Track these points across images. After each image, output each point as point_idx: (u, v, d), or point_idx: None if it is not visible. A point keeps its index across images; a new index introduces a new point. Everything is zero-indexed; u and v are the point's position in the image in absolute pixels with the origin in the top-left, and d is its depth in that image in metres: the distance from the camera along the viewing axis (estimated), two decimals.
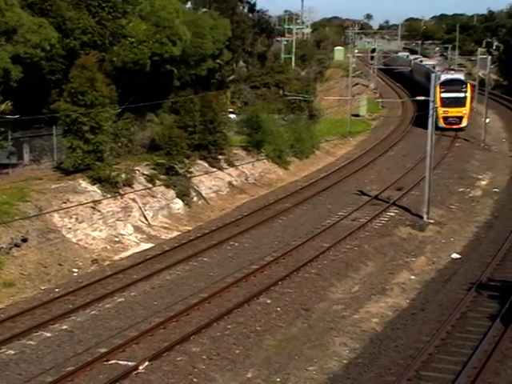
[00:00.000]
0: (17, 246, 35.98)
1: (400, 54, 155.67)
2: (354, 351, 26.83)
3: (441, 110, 78.66)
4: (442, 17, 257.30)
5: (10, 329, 28.69)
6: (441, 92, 78.98)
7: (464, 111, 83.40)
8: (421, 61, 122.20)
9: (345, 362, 25.95)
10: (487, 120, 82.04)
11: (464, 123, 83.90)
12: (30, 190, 41.44)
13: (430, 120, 45.37)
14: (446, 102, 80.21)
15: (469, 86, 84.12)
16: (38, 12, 48.64)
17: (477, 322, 29.12)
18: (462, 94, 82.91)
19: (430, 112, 45.89)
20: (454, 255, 39.01)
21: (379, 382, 24.03)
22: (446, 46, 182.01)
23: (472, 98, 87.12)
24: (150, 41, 53.56)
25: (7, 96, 47.52)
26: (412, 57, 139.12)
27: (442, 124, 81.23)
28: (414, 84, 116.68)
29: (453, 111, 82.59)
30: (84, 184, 44.61)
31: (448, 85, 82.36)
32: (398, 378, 23.98)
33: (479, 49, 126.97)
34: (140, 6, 54.89)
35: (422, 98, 51.34)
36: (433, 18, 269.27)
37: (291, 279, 34.41)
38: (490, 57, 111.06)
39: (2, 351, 26.71)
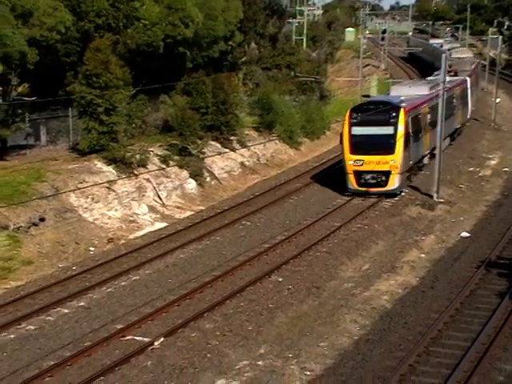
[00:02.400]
0: (35, 225, 36.33)
1: (432, 41, 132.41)
2: (364, 328, 26.81)
3: (350, 160, 45.84)
4: None
5: (30, 305, 29.10)
6: (351, 125, 46.31)
7: (393, 161, 45.27)
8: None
9: (355, 338, 25.95)
10: (497, 100, 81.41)
11: (394, 184, 45.67)
12: (46, 171, 41.72)
13: (440, 102, 45.54)
14: (360, 145, 45.79)
15: (402, 112, 45.81)
16: None
17: (486, 299, 29.09)
18: (389, 129, 45.63)
19: (441, 92, 45.90)
20: (464, 234, 38.97)
21: (389, 358, 24.03)
22: (457, 26, 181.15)
23: (408, 136, 46.52)
24: (163, 23, 53.66)
25: (24, 78, 47.93)
26: (448, 46, 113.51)
27: (352, 184, 46.34)
28: None
29: (371, 162, 45.68)
30: (99, 165, 44.83)
31: (365, 112, 46.04)
32: (407, 353, 24.03)
33: (490, 28, 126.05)
34: None
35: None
36: None
37: (302, 258, 34.55)
38: (501, 36, 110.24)
39: (22, 326, 27.11)
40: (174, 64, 56.55)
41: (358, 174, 45.83)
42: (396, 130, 45.39)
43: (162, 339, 25.52)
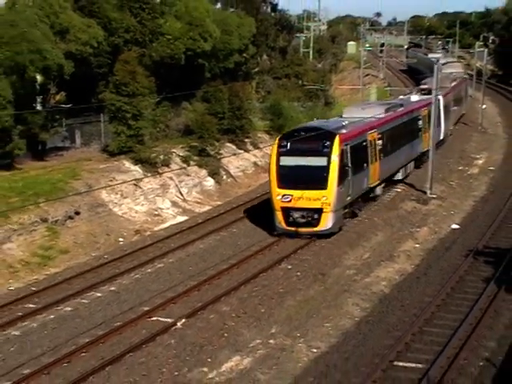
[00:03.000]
0: (71, 218, 36.52)
1: (431, 55, 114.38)
2: (365, 310, 26.91)
3: (278, 194, 36.10)
4: (444, 14, 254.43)
5: (66, 289, 29.33)
6: (279, 154, 36.65)
7: (325, 198, 35.47)
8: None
9: (356, 319, 26.06)
10: (484, 106, 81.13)
11: (327, 224, 35.78)
12: (81, 170, 41.95)
13: (433, 106, 45.65)
14: (289, 178, 36.16)
15: (337, 140, 35.88)
16: (87, 14, 49.01)
17: (473, 284, 29.16)
18: (321, 161, 36.00)
19: (434, 99, 45.97)
20: (454, 226, 38.95)
21: (387, 337, 24.15)
22: (448, 40, 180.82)
23: (346, 168, 36.31)
24: (184, 38, 53.82)
25: (61, 88, 48.14)
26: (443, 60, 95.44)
27: (280, 223, 36.35)
28: None
29: (301, 198, 35.74)
30: (127, 164, 45.02)
31: (296, 140, 36.04)
32: (403, 333, 24.16)
33: (477, 42, 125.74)
34: (175, 7, 55.09)
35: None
36: (435, 15, 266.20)
37: (309, 248, 34.57)
38: (486, 49, 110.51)
39: (60, 308, 27.35)
40: (193, 74, 56.65)
41: (287, 212, 35.19)
42: (329, 161, 34.83)
43: (183, 320, 25.63)
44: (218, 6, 74.11)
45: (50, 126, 45.51)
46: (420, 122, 51.76)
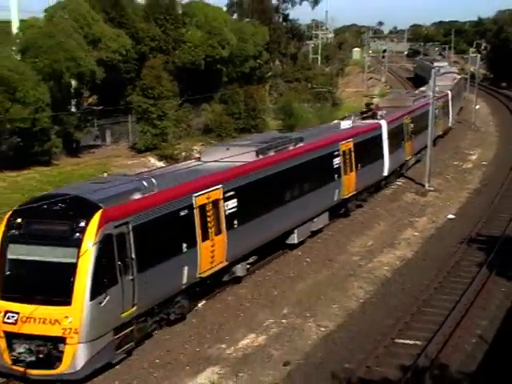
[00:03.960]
0: None
1: (436, 64, 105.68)
2: (369, 293, 26.87)
3: None
4: (440, 23, 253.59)
5: None
6: (6, 240, 19.46)
7: (70, 319, 18.17)
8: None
9: (361, 301, 26.04)
10: (477, 106, 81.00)
11: (74, 364, 18.29)
12: (110, 166, 42.13)
13: (430, 114, 45.29)
14: (17, 282, 19.30)
15: (96, 220, 18.95)
16: (117, 24, 49.26)
17: (467, 268, 29.05)
18: (66, 255, 18.80)
19: (431, 101, 45.67)
20: (450, 216, 38.75)
21: (389, 317, 24.13)
22: (444, 46, 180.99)
23: (109, 269, 19.01)
24: (204, 45, 54.03)
25: (93, 91, 48.48)
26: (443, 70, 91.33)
27: (2, 357, 18.71)
28: None
29: (32, 318, 18.41)
30: (153, 160, 45.20)
31: (34, 218, 19.37)
32: (403, 313, 24.17)
33: (470, 49, 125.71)
34: (196, 18, 55.23)
35: None
36: (433, 24, 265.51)
37: (318, 236, 34.18)
38: (479, 55, 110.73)
39: None
40: (212, 78, 56.83)
41: (10, 339, 18.84)
42: (78, 255, 18.79)
43: (204, 302, 25.55)
44: (235, 16, 74.17)
45: (83, 126, 45.88)
46: (337, 161, 34.42)
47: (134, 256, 19.85)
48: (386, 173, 41.82)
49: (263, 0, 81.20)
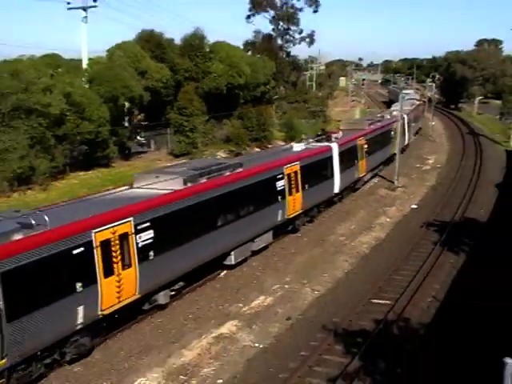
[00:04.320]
0: None
1: (405, 91, 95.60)
2: (352, 265, 26.87)
3: None
4: (405, 59, 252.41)
5: None
6: None
7: None
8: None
9: (346, 271, 26.05)
10: (433, 123, 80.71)
11: None
12: (154, 167, 41.94)
13: (398, 130, 45.00)
14: None
15: None
16: (159, 60, 49.16)
17: (426, 246, 29.00)
18: None
19: (399, 120, 45.42)
20: (413, 206, 38.58)
21: (366, 283, 24.15)
22: (408, 76, 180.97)
23: None
24: (226, 75, 53.74)
25: (141, 110, 48.54)
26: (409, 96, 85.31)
27: None
28: None
29: None
30: None
31: None
32: (377, 280, 24.23)
33: (427, 79, 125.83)
34: (220, 54, 55.03)
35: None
36: (399, 60, 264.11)
37: (314, 221, 33.84)
38: (434, 84, 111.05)
39: None
40: (232, 100, 56.58)
41: None
42: None
43: (225, 271, 25.55)
44: (249, 52, 73.90)
45: (133, 137, 45.96)
46: (280, 184, 28.38)
47: (1, 305, 14.37)
48: (337, 190, 35.88)
49: (271, 41, 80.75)
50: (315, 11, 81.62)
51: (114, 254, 17.84)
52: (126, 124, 46.05)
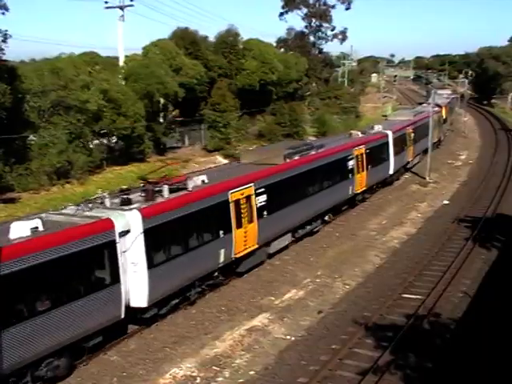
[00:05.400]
0: None
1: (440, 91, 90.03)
2: (382, 259, 26.75)
3: None
4: (437, 56, 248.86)
5: None
6: None
7: None
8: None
9: (376, 266, 25.95)
10: (465, 119, 79.58)
11: None
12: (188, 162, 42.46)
13: (430, 125, 44.60)
14: None
15: None
16: (194, 57, 49.27)
17: (457, 242, 28.66)
18: None
19: (430, 114, 45.11)
20: (445, 201, 38.18)
21: (397, 278, 23.96)
22: (440, 72, 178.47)
23: None
24: (258, 72, 53.71)
25: (176, 106, 48.68)
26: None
27: None
28: None
29: None
30: (219, 158, 45.28)
31: None
32: (408, 275, 24.00)
33: (460, 75, 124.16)
34: (253, 51, 55.02)
35: None
36: (431, 56, 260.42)
37: (344, 216, 33.91)
38: (466, 80, 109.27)
39: None
40: (264, 96, 56.53)
41: None
42: None
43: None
44: (282, 50, 73.70)
45: (168, 133, 46.09)
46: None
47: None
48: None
49: (303, 38, 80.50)
50: (347, 8, 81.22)
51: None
52: (161, 120, 46.34)
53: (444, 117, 57.77)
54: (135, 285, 17.63)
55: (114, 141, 40.30)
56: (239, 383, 16.46)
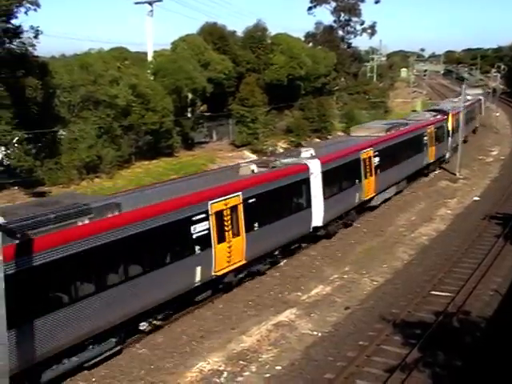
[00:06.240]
0: None
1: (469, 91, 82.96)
2: (411, 256, 26.54)
3: None
4: (469, 50, 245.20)
5: None
6: None
7: None
8: None
9: (405, 262, 25.76)
10: (497, 114, 78.37)
11: None
12: (216, 157, 42.47)
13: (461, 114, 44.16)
14: None
15: None
16: (222, 52, 49.35)
17: (488, 239, 28.34)
18: None
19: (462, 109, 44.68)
20: (475, 198, 37.79)
21: (426, 275, 23.76)
22: (471, 67, 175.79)
23: None
24: (287, 67, 53.56)
25: (204, 101, 48.84)
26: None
27: None
28: None
29: None
30: (247, 153, 45.26)
31: None
32: (437, 272, 23.79)
33: (492, 69, 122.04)
34: (281, 46, 54.88)
35: None
36: (462, 50, 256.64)
37: (373, 212, 33.68)
38: (499, 74, 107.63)
39: None
40: (293, 91, 56.36)
41: None
42: None
43: (285, 260, 25.56)
44: (310, 44, 73.39)
45: (196, 128, 46.26)
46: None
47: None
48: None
49: (332, 32, 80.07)
50: (377, 2, 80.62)
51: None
52: (189, 115, 46.50)
53: (449, 128, 46.93)
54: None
55: (142, 136, 40.61)
56: (266, 378, 16.45)
